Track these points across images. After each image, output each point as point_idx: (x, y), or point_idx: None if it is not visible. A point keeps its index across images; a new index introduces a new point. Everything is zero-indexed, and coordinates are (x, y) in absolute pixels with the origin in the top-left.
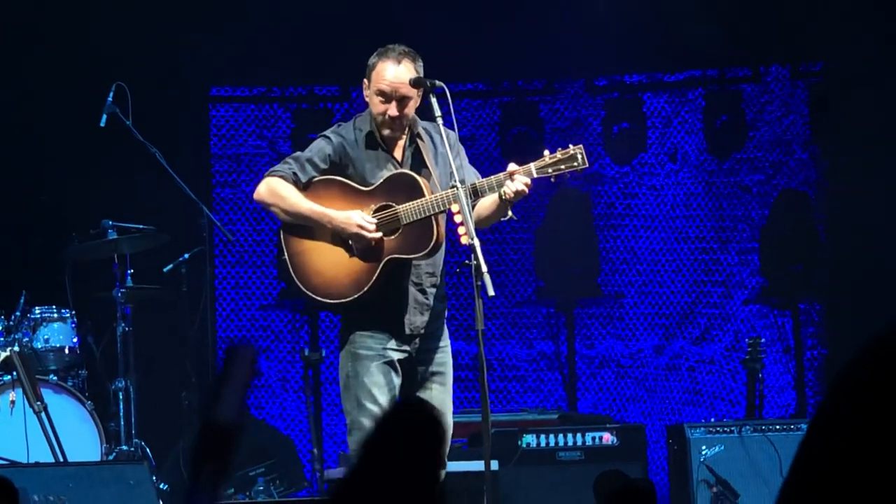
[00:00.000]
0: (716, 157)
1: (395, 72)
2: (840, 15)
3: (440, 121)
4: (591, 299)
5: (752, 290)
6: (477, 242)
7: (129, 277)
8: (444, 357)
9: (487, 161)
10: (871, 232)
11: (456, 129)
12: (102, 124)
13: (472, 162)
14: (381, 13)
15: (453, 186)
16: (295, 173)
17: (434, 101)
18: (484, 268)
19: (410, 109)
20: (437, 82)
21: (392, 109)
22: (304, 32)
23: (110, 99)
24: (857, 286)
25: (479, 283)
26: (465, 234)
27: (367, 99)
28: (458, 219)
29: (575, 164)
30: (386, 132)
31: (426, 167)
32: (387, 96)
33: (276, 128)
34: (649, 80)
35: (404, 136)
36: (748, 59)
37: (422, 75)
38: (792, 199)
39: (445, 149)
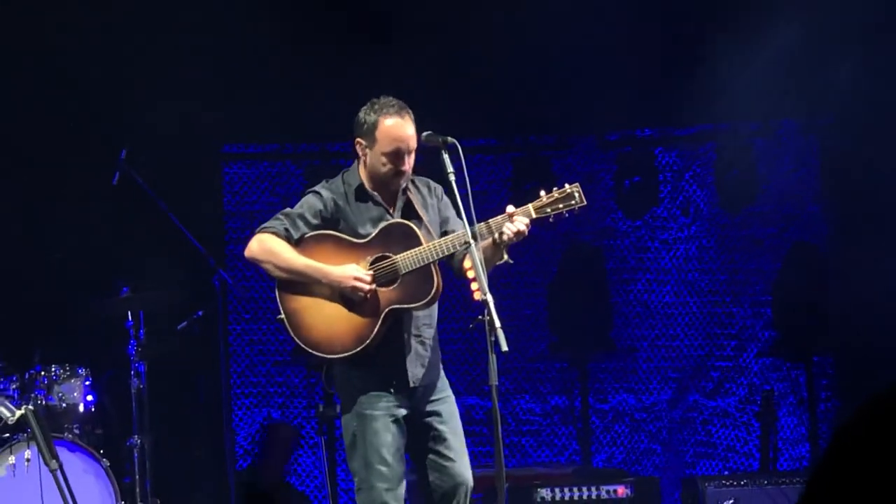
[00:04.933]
0: (728, 211)
1: (405, 129)
2: (848, 68)
3: (452, 177)
4: (605, 353)
5: (765, 342)
6: (490, 298)
7: (143, 335)
8: (450, 406)
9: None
10: (883, 284)
11: (468, 185)
12: (115, 182)
13: (483, 218)
14: (393, 69)
15: (466, 243)
16: (287, 229)
17: (446, 157)
18: (497, 323)
19: (413, 160)
20: (450, 138)
21: (405, 165)
22: (315, 90)
23: (122, 157)
24: (870, 338)
25: (493, 338)
26: (478, 289)
27: (364, 156)
28: (470, 274)
29: (572, 202)
30: (393, 187)
31: (418, 216)
32: (400, 154)
33: (288, 184)
34: (661, 135)
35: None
36: (759, 112)
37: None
38: (804, 252)
39: (434, 200)
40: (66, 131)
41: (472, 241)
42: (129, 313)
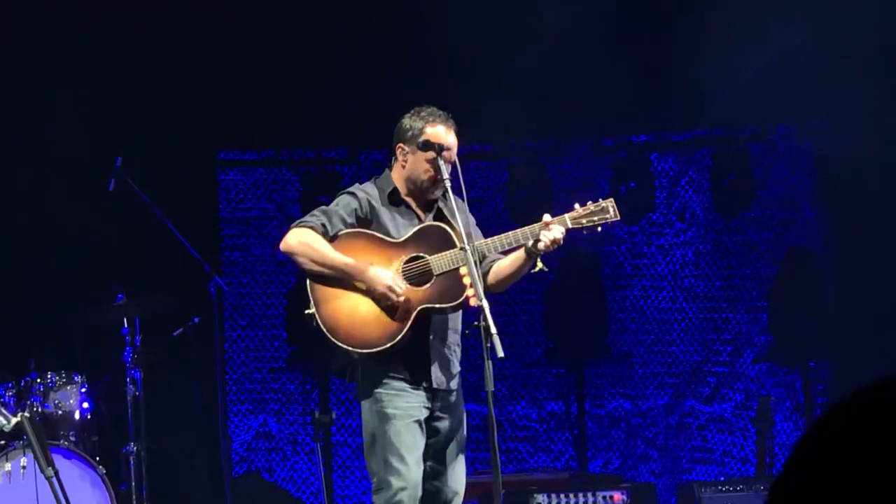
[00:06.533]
0: (724, 216)
1: (450, 138)
2: (846, 74)
3: (448, 183)
4: (601, 359)
5: (761, 348)
6: (486, 304)
7: (138, 341)
8: (461, 414)
9: (496, 222)
10: (879, 289)
11: (464, 191)
12: (110, 189)
13: (480, 223)
14: (388, 76)
15: (462, 248)
16: (324, 225)
17: (442, 163)
18: (493, 329)
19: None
20: (445, 145)
21: (444, 173)
22: (311, 95)
23: (118, 164)
24: (867, 343)
25: (489, 344)
26: (474, 295)
27: (405, 161)
28: (466, 280)
29: (607, 216)
30: (430, 195)
31: (450, 223)
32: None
33: (284, 191)
34: (657, 140)
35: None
36: (754, 117)
37: None
38: (800, 257)
39: (463, 215)
40: (62, 137)
41: (466, 248)
42: (125, 320)
